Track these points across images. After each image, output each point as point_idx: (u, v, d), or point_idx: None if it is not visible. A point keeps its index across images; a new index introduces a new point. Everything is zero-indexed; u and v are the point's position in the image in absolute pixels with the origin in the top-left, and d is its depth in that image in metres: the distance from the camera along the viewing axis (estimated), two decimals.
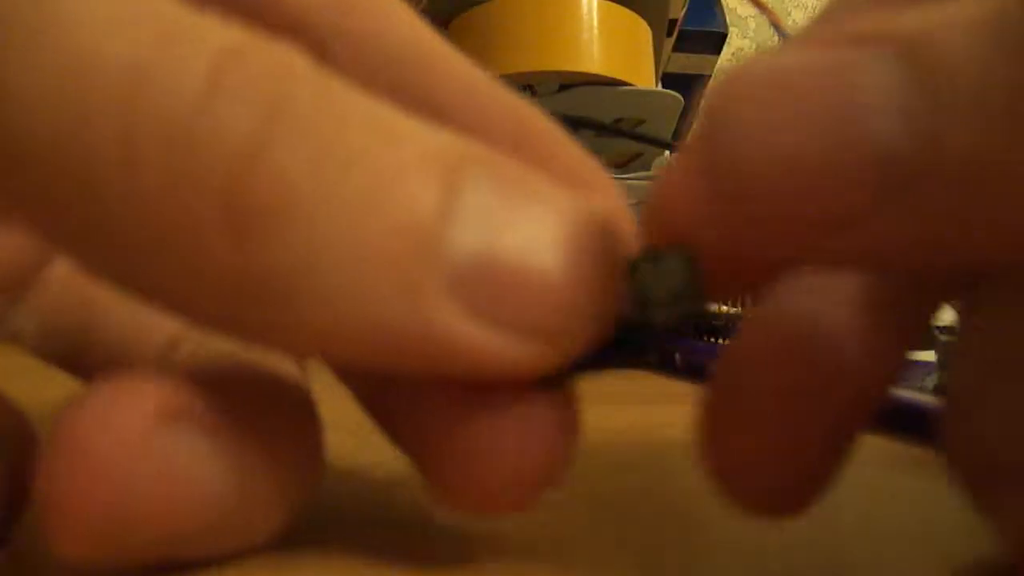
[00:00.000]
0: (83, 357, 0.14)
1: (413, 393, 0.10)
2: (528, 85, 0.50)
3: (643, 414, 0.21)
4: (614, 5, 0.51)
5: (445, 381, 0.09)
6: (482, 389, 0.09)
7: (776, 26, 0.62)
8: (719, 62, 0.64)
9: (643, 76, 0.52)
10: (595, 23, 0.50)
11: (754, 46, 1.09)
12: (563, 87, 0.51)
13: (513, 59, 0.49)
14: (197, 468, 0.09)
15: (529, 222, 0.08)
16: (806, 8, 1.12)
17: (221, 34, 0.08)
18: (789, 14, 1.11)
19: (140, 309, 0.12)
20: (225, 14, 0.08)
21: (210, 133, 0.08)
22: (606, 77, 0.50)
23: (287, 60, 0.08)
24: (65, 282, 0.14)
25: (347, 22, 0.12)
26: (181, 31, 0.08)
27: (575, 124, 0.53)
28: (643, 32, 0.53)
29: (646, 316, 0.09)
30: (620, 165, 0.58)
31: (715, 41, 0.62)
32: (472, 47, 0.40)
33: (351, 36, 0.12)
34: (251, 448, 0.09)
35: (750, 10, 1.08)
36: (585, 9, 0.50)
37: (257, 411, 0.09)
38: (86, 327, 0.14)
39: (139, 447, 0.08)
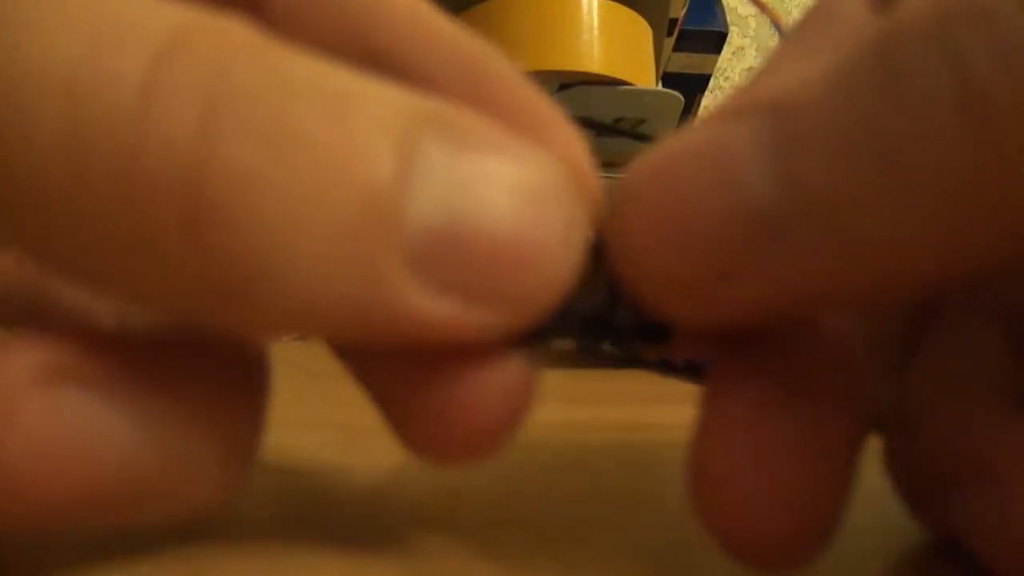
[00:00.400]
0: (39, 322, 0.13)
1: (384, 354, 0.10)
2: None
3: (643, 414, 0.21)
4: (614, 4, 0.51)
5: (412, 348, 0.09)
6: (446, 353, 0.09)
7: (776, 25, 0.62)
8: (719, 62, 0.64)
9: (643, 76, 0.52)
10: (595, 23, 0.50)
11: (754, 45, 1.09)
12: (563, 87, 0.51)
13: (513, 59, 0.49)
14: (91, 429, 0.08)
15: (490, 185, 0.08)
16: (806, 7, 1.12)
17: (160, 19, 0.08)
18: (789, 13, 1.11)
19: None
20: None
21: (155, 136, 0.07)
22: (606, 77, 0.50)
23: (226, 37, 0.08)
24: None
25: None
26: (121, 21, 0.08)
27: (575, 124, 0.52)
28: (643, 32, 0.53)
29: (612, 311, 0.09)
30: (620, 165, 0.58)
31: (715, 40, 0.62)
32: None
33: None
34: (170, 407, 0.09)
35: (750, 9, 1.08)
36: (585, 9, 0.50)
37: (182, 370, 0.09)
38: (41, 291, 0.13)
39: (6, 412, 0.08)
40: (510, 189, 0.08)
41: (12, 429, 0.08)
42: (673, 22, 0.56)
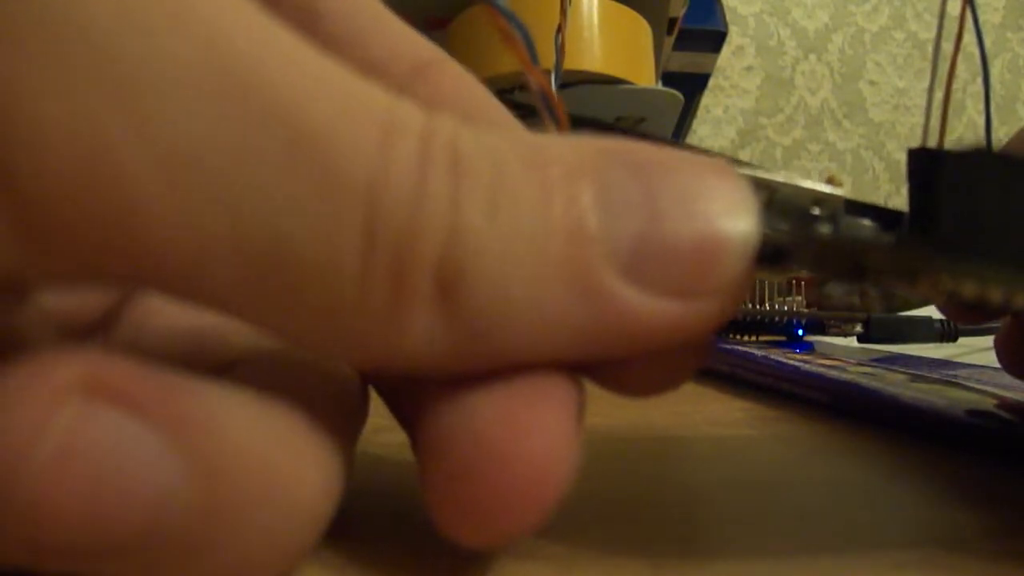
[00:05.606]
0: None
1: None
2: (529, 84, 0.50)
3: (644, 414, 0.21)
4: (614, 3, 0.51)
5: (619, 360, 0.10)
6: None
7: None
8: (719, 61, 0.64)
9: (643, 74, 0.52)
10: (595, 21, 0.50)
11: (754, 45, 1.09)
12: (563, 86, 0.51)
13: (513, 58, 0.49)
14: (129, 456, 0.08)
15: (673, 196, 0.10)
16: (805, 6, 1.12)
17: (410, 115, 0.09)
18: (789, 12, 1.11)
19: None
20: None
21: (425, 213, 0.08)
22: (606, 75, 0.50)
23: (447, 126, 0.09)
24: (140, 320, 0.13)
25: None
26: (392, 115, 0.09)
27: (575, 123, 0.52)
28: (643, 30, 0.53)
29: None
30: None
31: (715, 40, 0.62)
32: (472, 46, 0.40)
33: None
34: (228, 447, 0.08)
35: (750, 8, 1.08)
36: (585, 7, 0.50)
37: (253, 404, 0.09)
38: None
39: (38, 418, 0.07)
40: (691, 196, 0.10)
41: (41, 436, 0.07)
42: (673, 21, 0.56)
